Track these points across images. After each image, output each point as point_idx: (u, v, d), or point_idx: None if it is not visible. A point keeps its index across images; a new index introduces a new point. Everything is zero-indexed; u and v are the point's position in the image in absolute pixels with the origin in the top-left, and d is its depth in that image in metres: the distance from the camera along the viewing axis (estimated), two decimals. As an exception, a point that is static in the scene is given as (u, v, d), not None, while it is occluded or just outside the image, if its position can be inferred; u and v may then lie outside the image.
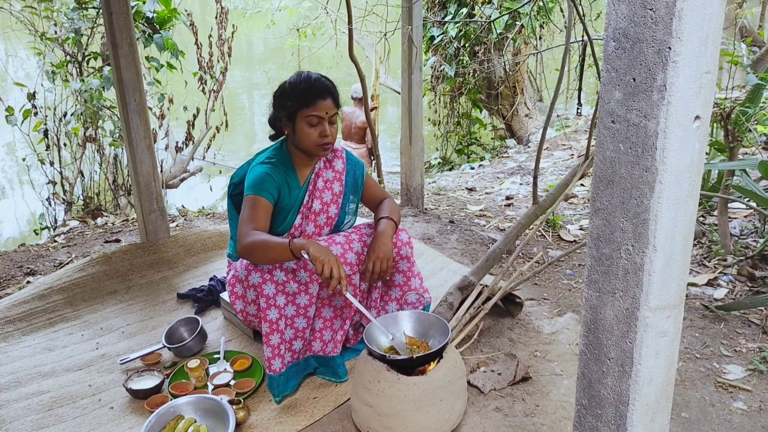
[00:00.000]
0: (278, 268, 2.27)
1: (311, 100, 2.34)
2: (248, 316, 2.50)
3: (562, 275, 3.42)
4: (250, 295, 2.41)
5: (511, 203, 4.96)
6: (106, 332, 2.87)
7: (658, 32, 1.08)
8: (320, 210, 2.51)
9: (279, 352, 2.29)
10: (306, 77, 2.41)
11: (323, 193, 2.52)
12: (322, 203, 2.51)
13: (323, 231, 2.55)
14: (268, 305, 2.26)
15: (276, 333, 2.27)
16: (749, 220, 3.84)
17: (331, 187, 2.55)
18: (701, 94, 1.12)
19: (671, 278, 1.22)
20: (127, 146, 3.56)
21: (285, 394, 2.33)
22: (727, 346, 2.66)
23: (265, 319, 2.27)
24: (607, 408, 1.36)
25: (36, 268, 3.79)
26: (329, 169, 2.56)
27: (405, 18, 4.15)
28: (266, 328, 2.27)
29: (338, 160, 2.59)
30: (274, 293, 2.26)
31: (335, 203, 2.56)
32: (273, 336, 2.27)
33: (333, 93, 2.40)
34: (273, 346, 2.28)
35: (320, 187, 2.52)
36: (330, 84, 2.42)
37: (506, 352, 2.56)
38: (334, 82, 2.46)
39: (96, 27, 5.19)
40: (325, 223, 2.54)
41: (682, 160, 1.14)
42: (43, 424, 2.24)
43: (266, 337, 2.28)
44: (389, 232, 2.47)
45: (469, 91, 7.94)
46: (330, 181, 2.55)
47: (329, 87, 2.40)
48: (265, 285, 2.26)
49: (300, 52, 10.25)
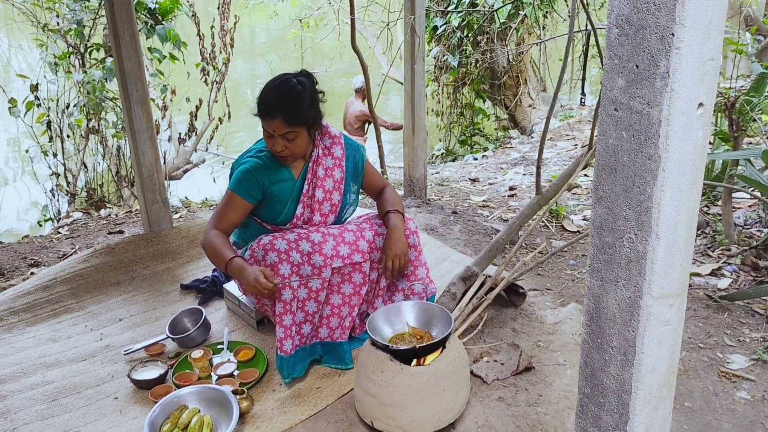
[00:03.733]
0: (294, 249, 2.30)
1: (261, 114, 2.34)
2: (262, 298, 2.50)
3: (565, 265, 3.41)
4: None
5: (514, 194, 4.95)
6: (110, 323, 2.88)
7: (661, 18, 1.07)
8: (323, 198, 2.52)
9: (290, 333, 2.31)
10: (266, 90, 2.36)
11: (325, 181, 2.52)
12: (324, 191, 2.52)
13: (329, 219, 2.56)
14: (283, 285, 2.27)
15: (289, 314, 2.29)
16: (753, 210, 3.83)
17: (332, 174, 2.54)
18: (705, 81, 1.11)
19: (674, 266, 1.22)
20: (129, 138, 3.55)
21: (293, 376, 2.34)
22: (730, 335, 2.66)
23: (279, 299, 2.28)
24: (610, 397, 1.36)
25: (40, 259, 3.80)
26: (328, 156, 2.55)
27: (407, 8, 4.14)
28: (280, 308, 2.29)
29: (337, 147, 2.58)
30: (289, 274, 2.28)
31: (338, 190, 2.56)
32: (286, 316, 2.29)
33: (283, 112, 2.28)
34: (285, 327, 2.29)
35: (321, 175, 2.51)
36: (282, 102, 2.30)
37: (509, 342, 2.56)
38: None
39: (98, 18, 5.18)
40: (330, 210, 2.55)
41: (686, 147, 1.13)
42: (48, 414, 2.25)
43: (279, 317, 2.29)
44: (401, 227, 2.50)
45: (472, 81, 7.91)
46: (330, 168, 2.54)
47: (279, 106, 2.29)
48: (281, 265, 2.28)
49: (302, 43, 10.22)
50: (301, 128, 2.34)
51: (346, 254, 2.40)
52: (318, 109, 2.42)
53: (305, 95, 2.34)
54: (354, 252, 2.43)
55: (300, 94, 2.33)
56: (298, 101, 2.32)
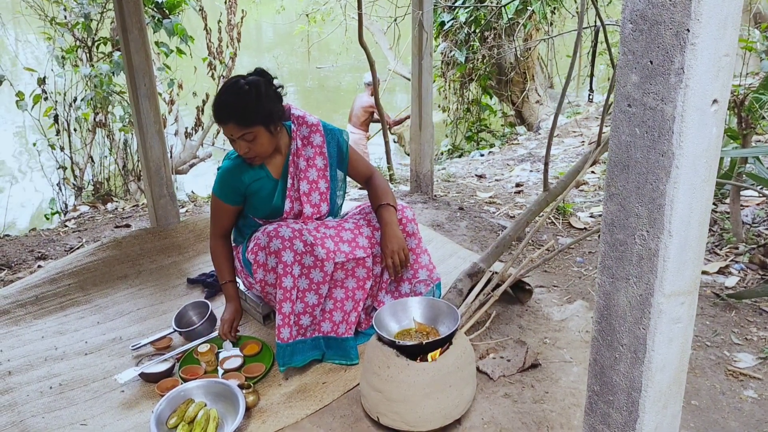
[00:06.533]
0: (297, 238, 2.30)
1: (216, 121, 2.36)
2: (266, 286, 2.46)
3: (572, 262, 3.40)
4: (270, 261, 2.37)
5: (521, 190, 4.93)
6: (117, 316, 2.89)
7: (676, 14, 1.06)
8: (310, 189, 2.52)
9: (288, 321, 2.31)
10: (217, 96, 2.35)
11: (308, 172, 2.51)
12: (309, 182, 2.52)
13: (321, 208, 2.55)
14: (285, 272, 2.28)
15: (288, 302, 2.30)
16: (762, 208, 3.81)
17: (315, 164, 2.53)
18: (719, 78, 1.10)
19: (686, 264, 1.21)
20: (137, 131, 3.56)
21: (289, 365, 2.34)
22: (738, 334, 2.65)
23: (280, 286, 2.29)
24: (619, 394, 1.35)
25: (47, 252, 3.81)
26: (308, 146, 2.53)
27: (416, 3, 4.12)
28: (280, 294, 2.29)
29: (316, 135, 2.55)
30: (291, 261, 2.28)
31: (323, 178, 2.55)
32: (285, 304, 2.29)
33: (233, 116, 2.27)
34: (284, 314, 2.30)
35: (303, 167, 2.51)
36: (231, 106, 2.28)
37: (515, 338, 2.56)
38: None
39: (105, 12, 5.19)
40: (320, 200, 2.55)
41: (699, 144, 1.12)
42: (55, 406, 2.26)
43: (279, 304, 2.30)
44: (394, 221, 2.49)
45: (480, 77, 7.89)
46: (311, 158, 2.53)
47: (229, 111, 2.27)
48: (284, 252, 2.28)
49: (309, 37, 10.22)
50: (256, 128, 2.30)
51: (348, 251, 2.41)
52: (273, 105, 2.35)
53: (252, 95, 2.28)
54: (355, 248, 2.44)
55: (247, 94, 2.28)
56: (246, 102, 2.27)
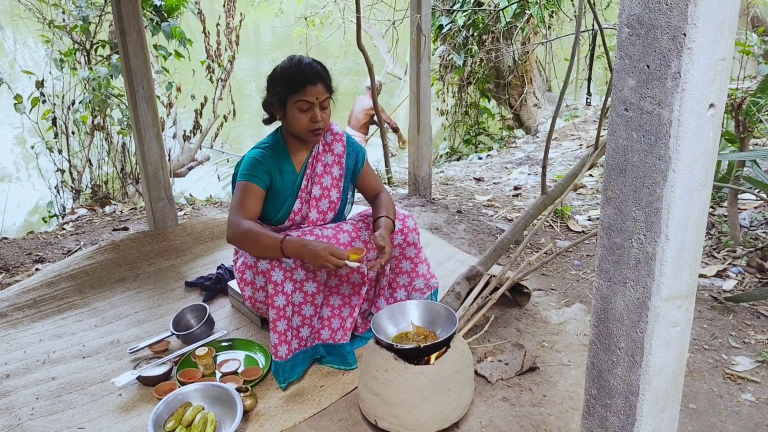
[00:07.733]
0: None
1: (301, 86, 2.32)
2: (256, 303, 2.49)
3: (570, 266, 3.41)
4: (258, 281, 2.40)
5: (519, 193, 4.94)
6: (115, 319, 2.88)
7: (672, 18, 1.06)
8: (321, 195, 2.51)
9: (285, 338, 2.29)
10: (297, 62, 2.38)
11: (322, 178, 2.51)
12: (322, 188, 2.51)
13: (327, 216, 2.54)
14: (276, 291, 2.26)
15: (283, 320, 2.28)
16: (759, 211, 3.82)
17: (331, 172, 2.53)
18: (716, 82, 1.10)
19: (683, 268, 1.21)
20: (135, 134, 3.56)
21: (291, 380, 2.33)
22: (735, 337, 2.65)
23: (272, 306, 2.27)
24: (617, 398, 1.35)
25: (45, 255, 3.81)
26: (328, 153, 2.54)
27: (414, 6, 4.13)
28: (273, 314, 2.27)
29: (338, 144, 2.57)
30: (282, 280, 2.26)
31: (336, 187, 2.55)
32: (280, 323, 2.28)
33: (324, 78, 2.36)
34: (279, 333, 2.28)
35: (319, 172, 2.51)
36: (321, 69, 2.39)
37: (513, 342, 2.56)
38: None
39: (104, 15, 5.19)
40: (328, 208, 2.54)
41: (696, 148, 1.13)
42: (52, 410, 2.25)
43: (273, 323, 2.28)
44: (390, 229, 2.47)
45: (478, 80, 7.90)
46: (329, 165, 2.53)
47: (320, 72, 2.36)
48: (273, 271, 2.26)
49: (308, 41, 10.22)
50: (331, 97, 2.42)
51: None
52: None
53: None
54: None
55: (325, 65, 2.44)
56: (328, 70, 2.42)
